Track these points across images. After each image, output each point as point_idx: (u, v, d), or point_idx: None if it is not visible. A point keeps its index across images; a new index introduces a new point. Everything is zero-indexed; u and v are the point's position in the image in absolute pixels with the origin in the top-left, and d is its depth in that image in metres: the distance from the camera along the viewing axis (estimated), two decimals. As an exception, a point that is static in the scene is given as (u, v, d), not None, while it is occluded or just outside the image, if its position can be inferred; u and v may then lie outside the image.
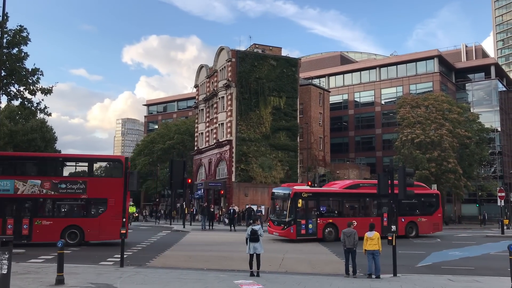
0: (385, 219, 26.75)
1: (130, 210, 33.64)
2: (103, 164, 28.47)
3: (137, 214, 54.11)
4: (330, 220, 26.49)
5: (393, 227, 14.90)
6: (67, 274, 11.98)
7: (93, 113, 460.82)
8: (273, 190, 29.26)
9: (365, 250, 14.12)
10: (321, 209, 26.73)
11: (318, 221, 26.10)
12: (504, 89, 74.12)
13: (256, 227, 13.87)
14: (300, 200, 25.71)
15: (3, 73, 19.97)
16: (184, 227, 36.14)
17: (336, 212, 27.60)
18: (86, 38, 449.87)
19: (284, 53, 60.05)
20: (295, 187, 27.43)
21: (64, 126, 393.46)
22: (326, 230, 26.18)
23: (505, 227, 39.96)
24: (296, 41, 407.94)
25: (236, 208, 40.62)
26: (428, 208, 30.45)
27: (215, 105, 55.01)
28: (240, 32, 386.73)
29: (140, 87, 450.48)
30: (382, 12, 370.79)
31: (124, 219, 16.29)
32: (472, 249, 23.64)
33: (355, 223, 15.77)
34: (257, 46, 56.73)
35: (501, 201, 40.51)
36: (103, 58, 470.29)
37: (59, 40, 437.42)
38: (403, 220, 28.11)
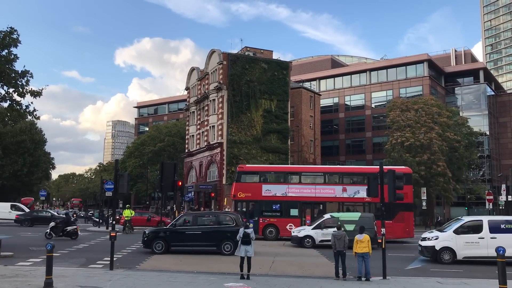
0: None
1: (125, 214, 32.72)
2: None
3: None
4: None
5: (383, 230, 15.00)
6: (56, 277, 11.87)
7: (85, 115, 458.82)
8: None
9: (355, 252, 14.18)
10: None
11: None
12: (493, 93, 74.99)
13: (249, 230, 13.91)
14: None
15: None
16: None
17: None
18: (79, 40, 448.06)
19: (276, 56, 60.27)
20: None
21: (55, 128, 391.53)
22: None
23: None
24: (289, 45, 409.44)
25: (229, 210, 40.43)
26: None
27: (206, 108, 54.95)
28: (233, 35, 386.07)
29: (132, 89, 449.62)
30: (374, 16, 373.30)
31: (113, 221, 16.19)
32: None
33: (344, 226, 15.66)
34: (248, 49, 56.85)
35: (489, 204, 40.96)
36: (95, 60, 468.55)
37: (52, 41, 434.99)
38: None
